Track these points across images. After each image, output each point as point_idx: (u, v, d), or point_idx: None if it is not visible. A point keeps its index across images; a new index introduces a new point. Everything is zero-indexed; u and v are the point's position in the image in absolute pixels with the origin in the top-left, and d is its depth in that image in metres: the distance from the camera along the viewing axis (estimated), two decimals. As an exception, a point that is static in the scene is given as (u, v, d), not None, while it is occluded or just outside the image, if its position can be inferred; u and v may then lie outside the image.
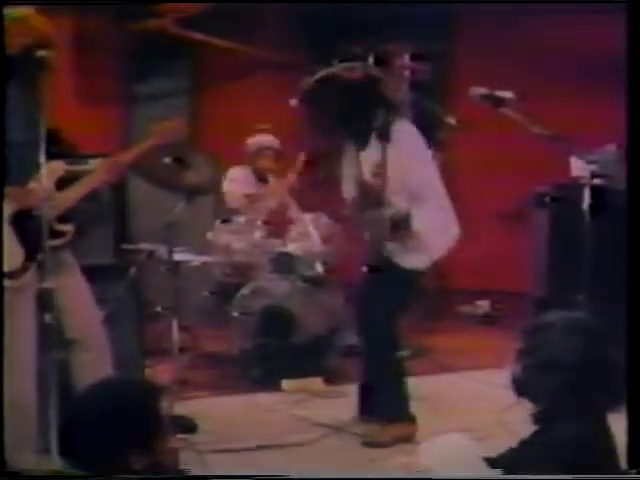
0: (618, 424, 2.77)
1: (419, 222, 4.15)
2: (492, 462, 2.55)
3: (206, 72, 8.25)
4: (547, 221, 5.37)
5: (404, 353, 5.83)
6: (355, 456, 4.15)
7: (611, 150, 4.97)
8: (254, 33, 7.66)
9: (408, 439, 4.23)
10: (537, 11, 6.56)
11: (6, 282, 3.44)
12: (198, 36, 7.61)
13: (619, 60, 3.14)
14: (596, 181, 3.74)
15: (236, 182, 6.16)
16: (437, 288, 6.59)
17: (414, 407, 4.47)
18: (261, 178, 6.28)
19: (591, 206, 3.68)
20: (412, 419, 4.37)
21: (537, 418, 2.50)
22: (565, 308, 3.49)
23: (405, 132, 4.26)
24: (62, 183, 3.62)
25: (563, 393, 2.42)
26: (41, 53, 3.39)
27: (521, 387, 2.51)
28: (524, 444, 2.57)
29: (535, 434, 2.52)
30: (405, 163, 4.17)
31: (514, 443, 2.60)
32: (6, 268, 3.44)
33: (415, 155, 4.25)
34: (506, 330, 6.27)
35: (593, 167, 3.80)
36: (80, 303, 3.74)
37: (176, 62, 8.22)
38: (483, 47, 7.26)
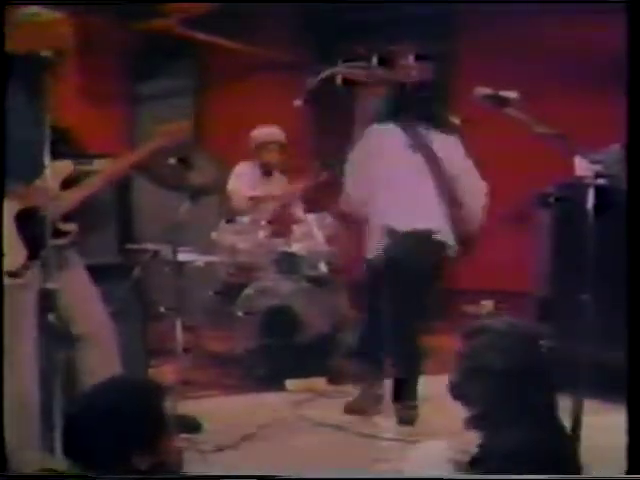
0: (618, 424, 2.78)
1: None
2: (463, 467, 2.55)
3: (210, 72, 8.26)
4: (551, 221, 5.35)
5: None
6: (358, 456, 4.16)
7: (615, 150, 4.95)
8: (258, 33, 7.67)
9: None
10: (540, 11, 6.56)
11: (8, 280, 3.44)
12: (202, 36, 7.62)
13: (623, 59, 3.13)
14: (600, 181, 3.73)
15: (242, 178, 6.16)
16: (441, 288, 6.58)
17: (420, 407, 4.62)
18: (266, 172, 6.29)
19: (595, 206, 3.67)
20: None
21: (471, 423, 2.48)
22: (569, 308, 3.49)
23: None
24: (67, 183, 3.62)
25: (496, 398, 2.40)
26: (54, 57, 3.40)
27: (456, 391, 2.50)
28: (479, 449, 2.54)
29: (481, 439, 2.50)
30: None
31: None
32: (8, 266, 3.44)
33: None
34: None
35: (597, 167, 3.78)
36: (87, 300, 3.75)
37: (180, 62, 8.24)
38: (486, 47, 7.26)
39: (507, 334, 2.45)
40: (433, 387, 5.04)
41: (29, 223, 3.46)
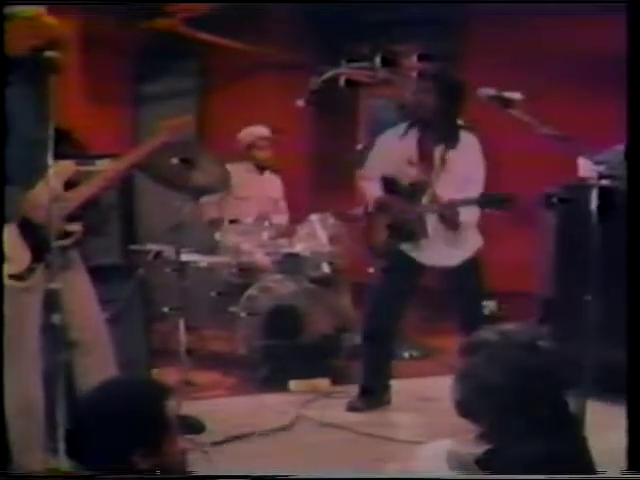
0: (618, 424, 2.77)
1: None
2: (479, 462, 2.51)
3: (214, 72, 8.26)
4: (554, 222, 5.35)
5: (413, 353, 5.89)
6: (361, 456, 4.16)
7: (619, 151, 4.95)
8: (262, 33, 7.67)
9: None
10: (543, 12, 6.55)
11: (13, 283, 3.44)
12: (206, 36, 7.62)
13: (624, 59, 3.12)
14: (604, 182, 3.72)
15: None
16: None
17: (422, 408, 4.57)
18: (260, 170, 6.32)
19: (599, 207, 3.66)
20: None
21: (484, 439, 2.42)
22: (572, 308, 3.49)
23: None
24: (70, 183, 3.61)
25: (504, 412, 2.34)
26: (50, 54, 3.39)
27: (462, 409, 2.43)
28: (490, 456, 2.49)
29: (489, 453, 2.44)
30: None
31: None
32: (13, 270, 3.44)
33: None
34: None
35: (601, 168, 3.78)
36: (84, 304, 3.73)
37: (184, 62, 8.23)
38: (490, 48, 7.25)
39: (504, 346, 2.37)
40: (438, 388, 5.06)
41: (32, 226, 3.45)
